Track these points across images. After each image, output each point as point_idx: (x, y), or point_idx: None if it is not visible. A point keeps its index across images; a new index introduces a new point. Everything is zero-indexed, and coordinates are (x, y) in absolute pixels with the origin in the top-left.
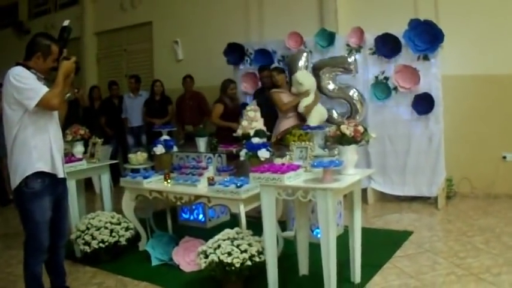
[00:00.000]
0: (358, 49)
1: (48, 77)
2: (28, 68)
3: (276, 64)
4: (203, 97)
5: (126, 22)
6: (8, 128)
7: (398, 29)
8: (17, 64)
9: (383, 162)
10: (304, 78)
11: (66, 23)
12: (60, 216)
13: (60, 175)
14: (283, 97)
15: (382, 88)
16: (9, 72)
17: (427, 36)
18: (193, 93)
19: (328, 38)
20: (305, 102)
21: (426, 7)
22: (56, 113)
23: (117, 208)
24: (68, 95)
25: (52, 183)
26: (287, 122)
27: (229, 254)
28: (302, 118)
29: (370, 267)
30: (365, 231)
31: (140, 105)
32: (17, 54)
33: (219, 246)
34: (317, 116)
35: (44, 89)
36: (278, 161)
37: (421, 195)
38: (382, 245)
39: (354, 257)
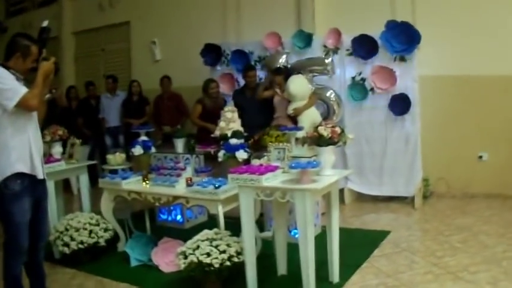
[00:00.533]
0: (335, 50)
1: (27, 77)
2: (7, 68)
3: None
4: (181, 98)
5: (104, 22)
6: None
7: (376, 30)
8: None
9: (360, 162)
10: (295, 87)
11: (45, 23)
12: (39, 217)
13: (40, 176)
14: (275, 99)
15: (359, 89)
16: None
17: (404, 37)
18: (171, 94)
19: (306, 39)
20: (294, 105)
21: (403, 8)
22: (35, 114)
23: (96, 209)
24: (47, 95)
25: (31, 184)
26: (275, 122)
27: (208, 254)
28: (294, 120)
29: (348, 267)
30: (342, 231)
31: (117, 105)
32: None
33: (198, 247)
34: (308, 119)
35: (23, 90)
36: (256, 162)
37: (398, 195)
38: (359, 245)
39: (332, 257)
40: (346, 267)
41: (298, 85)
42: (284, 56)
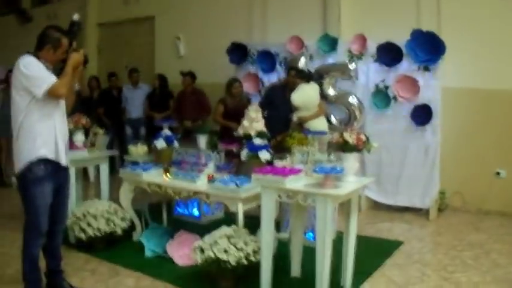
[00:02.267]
0: (360, 56)
1: (57, 68)
2: (38, 58)
3: (277, 66)
4: (203, 94)
5: (129, 15)
6: (15, 113)
7: (400, 39)
8: (28, 53)
9: (378, 171)
10: (297, 97)
11: (75, 17)
12: (60, 202)
13: (63, 163)
14: None
15: (382, 97)
16: (20, 61)
17: (429, 47)
18: (194, 90)
19: (331, 43)
20: (300, 113)
21: (429, 17)
22: (62, 102)
23: (113, 197)
24: (77, 86)
25: (54, 170)
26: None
27: (226, 251)
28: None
29: (360, 274)
30: (356, 238)
31: (139, 97)
32: (19, 41)
33: (215, 242)
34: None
35: (52, 78)
36: (278, 163)
37: (414, 206)
38: (372, 253)
39: (346, 263)
40: (358, 274)
41: (302, 95)
42: (303, 59)
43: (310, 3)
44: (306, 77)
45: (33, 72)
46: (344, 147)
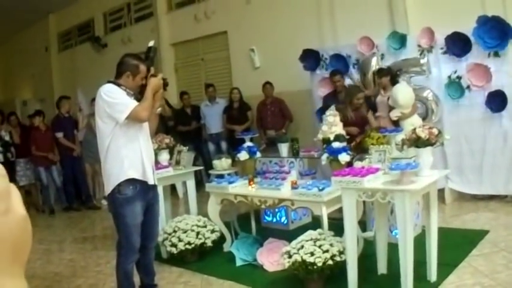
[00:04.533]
0: (430, 49)
1: (137, 93)
2: (118, 85)
3: (351, 68)
4: (284, 102)
5: (201, 32)
6: (101, 139)
7: (467, 26)
8: (108, 82)
9: (460, 162)
10: (404, 97)
11: (151, 43)
12: (151, 219)
13: (151, 182)
14: (378, 99)
15: (456, 87)
16: (101, 89)
17: (496, 32)
18: (274, 99)
19: (400, 40)
20: (396, 111)
21: (494, 2)
22: (146, 125)
23: (201, 212)
24: (159, 109)
25: (143, 189)
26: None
27: (312, 254)
28: (395, 122)
29: (446, 266)
30: (442, 230)
31: (218, 112)
32: (95, 67)
33: (302, 246)
34: (410, 126)
35: (133, 103)
36: (358, 164)
37: (498, 194)
38: (458, 244)
39: (430, 256)
40: (444, 266)
41: (406, 95)
42: (374, 58)
43: (376, 3)
44: (388, 73)
45: (115, 99)
46: (418, 142)
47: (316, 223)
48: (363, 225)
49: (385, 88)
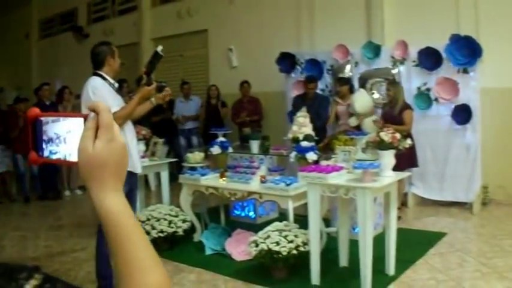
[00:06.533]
0: (402, 61)
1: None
2: (104, 78)
3: (325, 74)
4: (260, 102)
5: (183, 29)
6: None
7: (440, 43)
8: (94, 74)
9: (423, 168)
10: (361, 105)
11: (159, 48)
12: (130, 204)
13: (138, 171)
14: (339, 108)
15: (424, 99)
16: (88, 83)
17: (467, 50)
18: (251, 98)
19: (375, 50)
20: (353, 120)
21: (467, 22)
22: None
23: (172, 203)
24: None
25: (128, 177)
26: (337, 129)
27: (278, 243)
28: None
29: (404, 262)
30: (403, 231)
31: (191, 109)
32: (75, 57)
33: (268, 236)
34: (371, 123)
35: (112, 108)
36: (324, 163)
37: (458, 201)
38: (417, 244)
39: (389, 252)
40: (402, 262)
41: (364, 103)
42: (348, 66)
43: (355, 13)
44: (348, 83)
45: (98, 98)
46: (381, 145)
47: (282, 218)
48: (327, 222)
49: (344, 97)
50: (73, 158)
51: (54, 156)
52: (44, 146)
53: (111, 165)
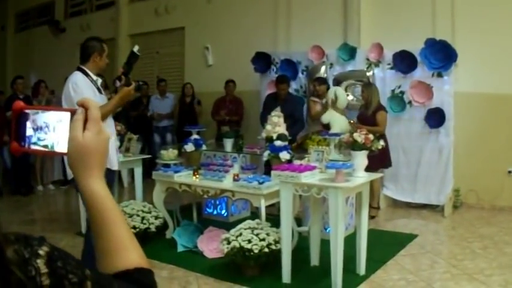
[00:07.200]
0: (377, 64)
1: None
2: (86, 74)
3: (299, 74)
4: (242, 102)
5: (160, 26)
6: None
7: (415, 47)
8: (78, 69)
9: (396, 171)
10: (345, 98)
11: (136, 48)
12: None
13: (114, 167)
14: (317, 106)
15: (398, 101)
16: (70, 79)
17: (442, 54)
18: (234, 98)
19: (350, 52)
20: (328, 114)
21: (443, 26)
22: None
23: (145, 200)
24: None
25: (106, 173)
26: (313, 128)
27: (249, 241)
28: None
29: (375, 262)
30: (374, 232)
31: (167, 106)
32: (51, 51)
33: (240, 234)
34: (339, 125)
35: None
36: (297, 162)
37: (430, 203)
38: (388, 245)
39: (360, 252)
40: (373, 262)
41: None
42: (323, 67)
43: (331, 14)
44: (326, 83)
45: (78, 95)
46: (354, 145)
47: (254, 217)
48: (299, 222)
49: (321, 96)
50: (60, 147)
51: (41, 143)
52: (33, 133)
53: (98, 155)
